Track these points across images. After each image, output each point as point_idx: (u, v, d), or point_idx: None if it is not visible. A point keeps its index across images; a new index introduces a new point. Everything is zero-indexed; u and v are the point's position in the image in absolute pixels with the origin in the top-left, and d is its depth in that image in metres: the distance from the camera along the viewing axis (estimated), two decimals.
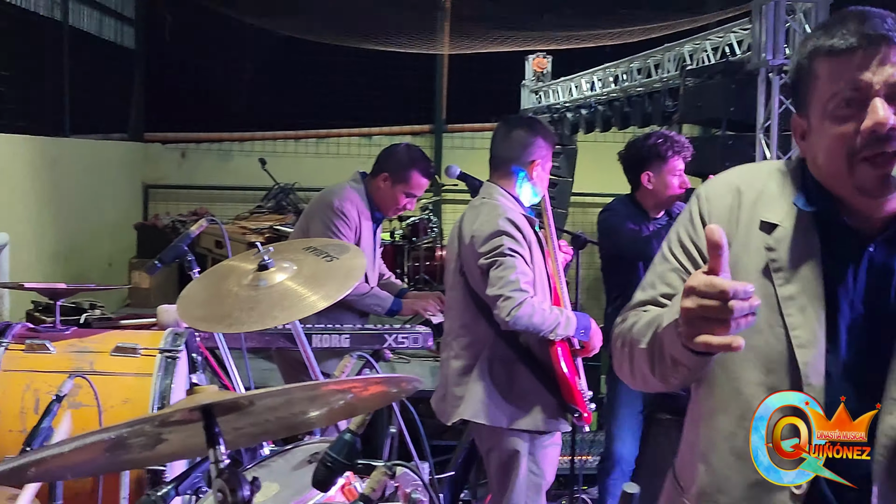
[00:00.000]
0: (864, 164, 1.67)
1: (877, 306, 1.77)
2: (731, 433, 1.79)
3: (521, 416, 3.95)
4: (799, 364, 1.69)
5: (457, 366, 4.06)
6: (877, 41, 1.66)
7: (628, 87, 8.15)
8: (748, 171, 1.96)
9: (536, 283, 3.93)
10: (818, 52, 1.73)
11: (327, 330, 4.57)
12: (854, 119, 1.67)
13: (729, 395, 1.81)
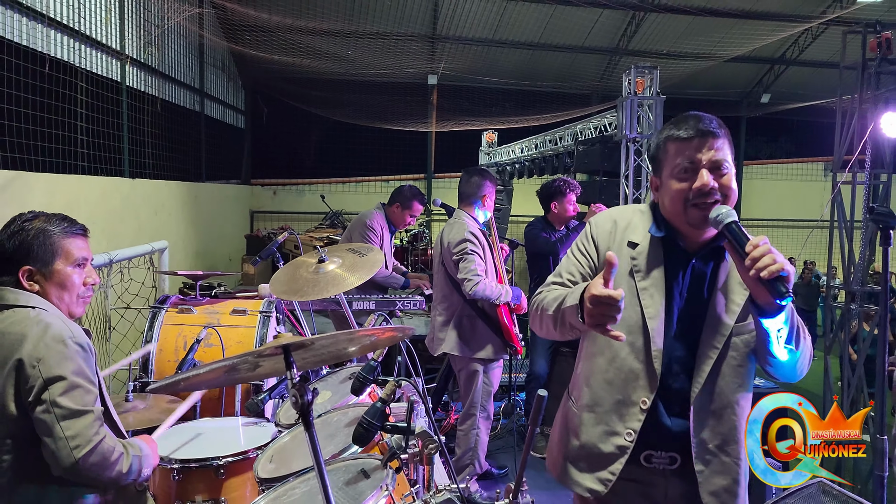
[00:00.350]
0: (693, 208, 1.69)
1: (695, 297, 1.77)
2: (604, 369, 1.81)
3: (479, 350, 3.96)
4: (648, 329, 1.75)
5: (440, 320, 4.07)
6: (705, 134, 1.69)
7: (544, 150, 8.14)
8: (622, 210, 1.94)
9: (488, 270, 3.94)
10: (669, 138, 1.74)
11: (362, 298, 4.56)
12: (689, 181, 1.69)
13: (605, 344, 1.81)
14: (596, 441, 1.82)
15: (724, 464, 1.75)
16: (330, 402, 2.57)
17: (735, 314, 1.74)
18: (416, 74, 11.29)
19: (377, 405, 1.80)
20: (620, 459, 1.78)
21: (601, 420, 1.81)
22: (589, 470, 1.83)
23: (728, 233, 1.61)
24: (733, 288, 1.76)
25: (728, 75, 12.63)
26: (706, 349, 1.74)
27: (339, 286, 2.60)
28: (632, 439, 1.76)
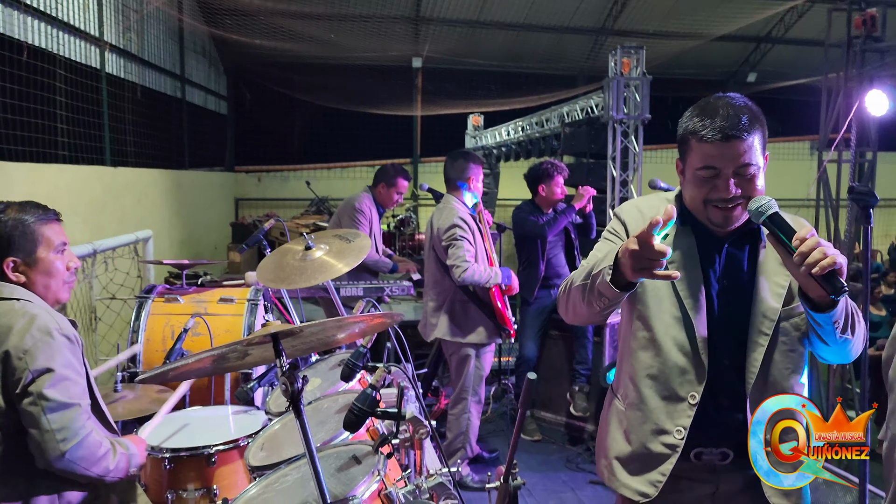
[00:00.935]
0: (713, 208, 1.62)
1: (734, 282, 1.70)
2: (648, 365, 1.72)
3: (471, 334, 3.98)
4: (691, 319, 1.66)
5: (432, 305, 4.08)
6: (731, 139, 1.56)
7: (530, 133, 8.12)
8: (647, 199, 1.85)
9: (478, 254, 3.95)
10: (693, 132, 1.62)
11: (350, 284, 4.56)
12: (710, 183, 1.61)
13: (647, 340, 1.72)
14: (645, 441, 1.73)
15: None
16: (320, 390, 2.59)
17: (781, 297, 1.67)
18: (401, 58, 11.22)
19: (367, 391, 1.81)
20: (671, 459, 1.69)
21: (649, 418, 1.72)
22: (639, 472, 1.74)
23: (771, 225, 1.50)
24: (775, 269, 1.68)
25: (714, 54, 12.64)
26: (755, 336, 1.66)
27: (326, 273, 2.60)
28: (682, 436, 1.67)
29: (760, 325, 1.65)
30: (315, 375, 2.75)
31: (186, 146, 9.03)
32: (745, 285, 1.69)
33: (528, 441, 4.91)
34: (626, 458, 1.76)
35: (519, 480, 1.77)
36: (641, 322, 1.73)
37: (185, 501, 2.38)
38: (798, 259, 1.41)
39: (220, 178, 11.00)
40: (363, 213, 4.90)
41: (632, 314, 1.77)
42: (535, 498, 4.10)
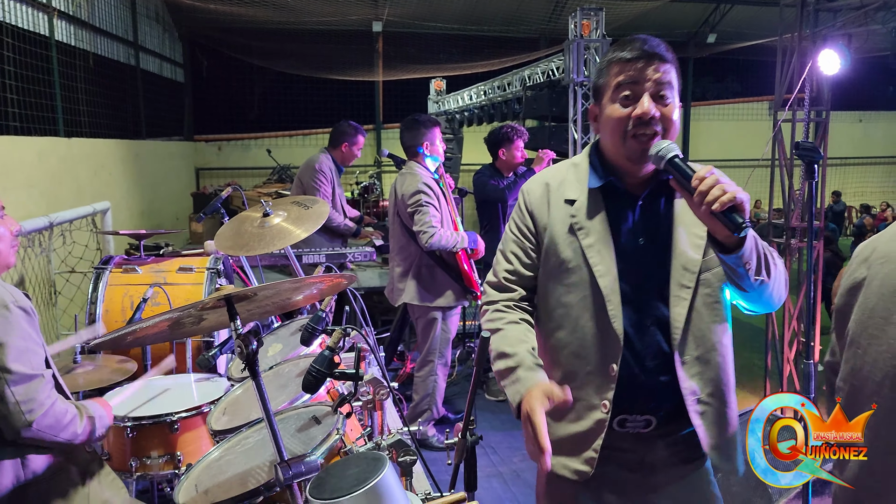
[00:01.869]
0: (632, 140, 1.55)
1: (653, 239, 1.63)
2: (568, 341, 1.66)
3: (439, 297, 4.03)
4: (601, 288, 1.59)
5: (398, 270, 4.11)
6: (651, 56, 1.54)
7: (492, 97, 8.10)
8: (554, 169, 1.77)
9: (443, 219, 3.98)
10: (613, 59, 1.59)
11: (311, 251, 4.57)
12: (629, 107, 1.55)
13: (562, 316, 1.66)
14: (575, 419, 1.67)
15: (720, 412, 1.64)
16: (281, 355, 2.61)
17: (701, 248, 1.61)
18: (360, 22, 11.07)
19: (325, 353, 1.83)
20: (601, 434, 1.63)
21: (577, 396, 1.64)
22: (572, 451, 1.68)
23: (672, 167, 1.47)
24: (693, 221, 1.59)
25: (674, 16, 12.69)
26: (677, 291, 1.60)
27: (285, 239, 2.61)
28: (608, 410, 1.62)
29: (682, 279, 1.60)
30: (277, 341, 2.77)
31: (143, 115, 8.85)
32: (663, 241, 1.63)
33: (493, 401, 5.00)
34: (557, 439, 1.65)
35: (476, 435, 1.82)
36: (555, 300, 1.67)
37: (149, 468, 2.41)
38: (698, 198, 1.38)
39: (179, 147, 10.82)
40: (324, 173, 4.92)
41: (545, 294, 1.70)
42: (499, 455, 4.20)
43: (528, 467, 4.04)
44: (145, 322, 1.48)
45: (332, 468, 1.41)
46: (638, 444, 1.66)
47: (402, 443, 1.88)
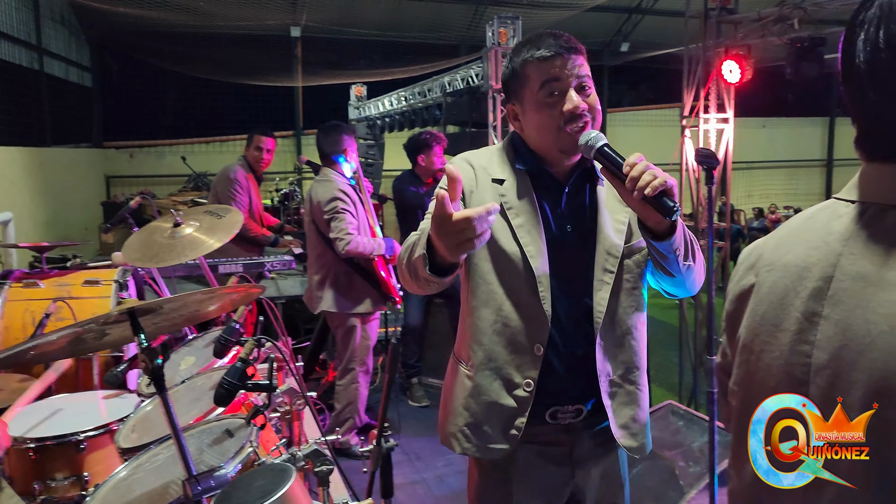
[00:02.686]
0: (564, 135, 1.57)
1: (578, 224, 1.66)
2: (493, 321, 1.65)
3: (357, 304, 4.01)
4: (532, 269, 1.60)
5: (316, 278, 4.07)
6: (569, 51, 1.57)
7: (413, 103, 8.12)
8: (475, 152, 1.76)
9: (360, 226, 3.97)
10: (529, 59, 1.59)
11: (228, 261, 4.48)
12: (557, 104, 1.56)
13: (488, 295, 1.65)
14: (496, 398, 1.66)
15: (629, 393, 1.70)
16: (194, 367, 2.55)
17: (623, 233, 1.65)
18: (278, 27, 10.90)
19: (237, 365, 1.81)
20: (525, 413, 1.64)
21: (498, 375, 1.66)
22: (493, 431, 1.67)
23: (602, 156, 1.49)
24: (615, 206, 1.66)
25: (589, 25, 13.03)
26: (601, 275, 1.63)
27: (197, 250, 2.56)
28: (531, 389, 1.63)
29: (605, 263, 1.63)
30: (190, 353, 2.71)
31: (48, 121, 8.46)
32: (588, 227, 1.66)
33: (416, 407, 5.01)
34: (476, 422, 1.68)
35: (391, 441, 1.83)
36: (481, 277, 1.66)
37: (54, 490, 2.30)
38: (630, 184, 1.40)
39: (87, 154, 10.38)
40: (238, 182, 4.85)
41: (471, 271, 1.68)
42: (423, 461, 4.21)
43: (451, 472, 4.07)
44: (43, 338, 1.43)
45: (238, 481, 1.39)
46: (567, 435, 1.70)
47: (318, 452, 1.87)
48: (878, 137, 0.84)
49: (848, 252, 0.84)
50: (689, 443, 3.17)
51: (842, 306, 0.83)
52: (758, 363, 0.94)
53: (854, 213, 0.86)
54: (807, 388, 0.86)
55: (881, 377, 0.76)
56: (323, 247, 4.02)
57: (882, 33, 0.80)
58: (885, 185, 0.83)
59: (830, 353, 0.83)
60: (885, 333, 0.77)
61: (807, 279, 0.88)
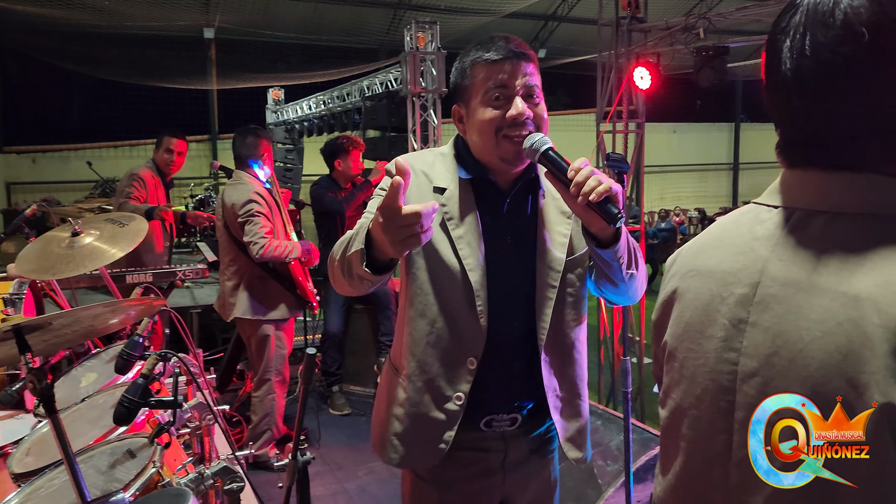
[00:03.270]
0: (505, 141, 1.52)
1: (520, 237, 1.62)
2: (427, 332, 1.60)
3: (272, 310, 3.91)
4: (471, 282, 1.56)
5: (229, 284, 3.94)
6: (519, 56, 1.52)
7: (332, 106, 8.03)
8: (419, 155, 1.70)
9: (276, 230, 3.88)
10: (478, 61, 1.54)
11: (136, 271, 4.28)
12: (502, 108, 1.52)
13: (425, 305, 1.60)
14: (426, 411, 1.62)
15: (574, 406, 1.69)
16: (97, 384, 2.42)
17: (565, 247, 1.62)
18: (190, 28, 10.60)
19: (139, 381, 1.72)
20: (453, 427, 1.60)
21: (430, 387, 1.61)
22: (420, 443, 1.63)
23: (547, 160, 1.45)
24: (557, 220, 1.63)
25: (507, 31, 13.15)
26: (544, 290, 1.60)
27: (97, 260, 2.43)
28: (462, 403, 1.59)
29: (548, 278, 1.60)
30: (92, 369, 2.56)
31: None
32: (529, 239, 1.62)
33: (337, 416, 4.92)
34: (406, 432, 1.64)
35: (307, 455, 1.77)
36: (419, 288, 1.61)
37: None
38: (574, 189, 1.37)
39: None
40: (140, 179, 4.68)
41: (410, 281, 1.64)
42: (344, 471, 4.14)
43: (373, 481, 4.01)
44: None
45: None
46: (502, 442, 1.67)
47: (227, 469, 1.79)
48: (802, 144, 0.84)
49: (775, 258, 0.84)
50: (606, 442, 3.22)
51: (770, 312, 0.83)
52: (682, 371, 0.93)
53: (778, 218, 0.86)
54: (733, 396, 0.85)
55: (814, 384, 0.77)
56: (236, 251, 3.90)
57: (808, 40, 0.79)
58: (810, 190, 0.83)
59: (759, 361, 0.83)
60: (818, 339, 0.76)
61: (733, 285, 0.88)
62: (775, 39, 0.83)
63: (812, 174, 0.83)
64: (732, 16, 5.48)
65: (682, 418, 0.94)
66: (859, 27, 0.75)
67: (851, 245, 0.77)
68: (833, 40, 0.76)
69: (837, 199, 0.80)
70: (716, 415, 0.87)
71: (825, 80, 0.77)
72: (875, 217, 0.78)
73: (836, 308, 0.75)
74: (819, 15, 0.78)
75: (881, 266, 0.74)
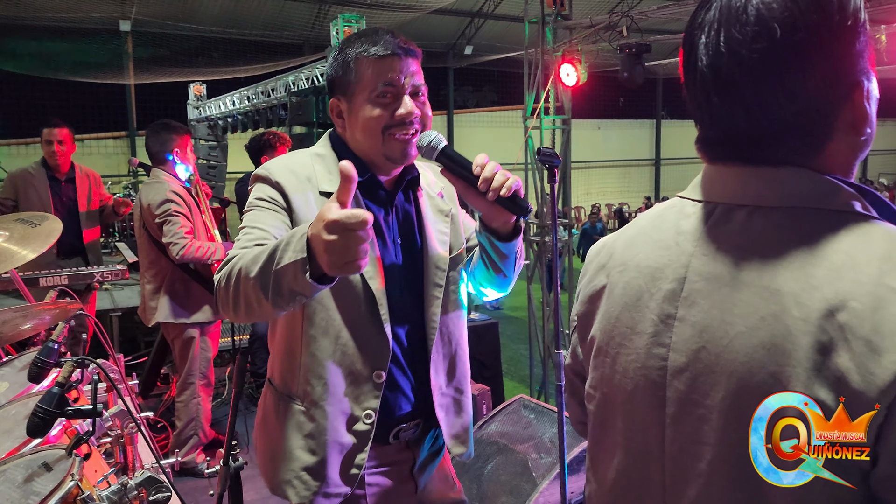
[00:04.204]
0: (392, 140, 1.47)
1: (407, 238, 1.59)
2: (331, 351, 1.50)
3: (196, 312, 3.77)
4: (372, 290, 1.49)
5: (150, 287, 3.79)
6: (408, 53, 1.48)
7: (256, 102, 7.90)
8: (293, 157, 1.57)
9: (197, 230, 3.74)
10: (363, 54, 1.47)
11: (51, 273, 4.08)
12: (389, 107, 1.46)
13: (326, 322, 1.49)
14: (336, 437, 1.52)
15: (457, 402, 1.68)
16: (9, 393, 2.27)
17: (447, 245, 1.61)
18: (106, 20, 10.17)
19: (53, 390, 1.62)
20: (365, 448, 1.53)
21: (337, 409, 1.52)
22: (332, 472, 1.53)
23: (447, 158, 1.44)
24: (436, 218, 1.62)
25: (433, 27, 13.25)
26: (431, 290, 1.57)
27: (6, 262, 2.28)
28: (371, 421, 1.52)
29: (434, 277, 1.58)
30: (3, 378, 2.41)
31: None
32: (413, 239, 1.60)
33: None
34: (316, 465, 1.53)
35: (240, 461, 1.71)
36: (319, 303, 1.49)
37: None
38: (483, 185, 1.37)
39: None
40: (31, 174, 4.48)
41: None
42: None
43: None
44: None
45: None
46: (408, 451, 1.65)
47: (152, 479, 1.71)
48: (721, 140, 0.84)
49: (699, 252, 0.84)
50: (540, 435, 3.25)
51: (696, 307, 0.82)
52: (614, 366, 0.92)
53: (701, 212, 0.86)
54: (664, 392, 0.85)
55: (740, 377, 0.77)
56: (156, 253, 3.75)
57: (723, 36, 0.78)
58: (730, 185, 0.83)
59: (688, 356, 0.83)
60: (743, 334, 0.77)
61: (660, 280, 0.87)
62: (691, 35, 0.82)
63: (732, 169, 0.83)
64: (654, 14, 5.62)
65: (615, 414, 0.93)
66: (772, 23, 0.75)
67: (771, 238, 0.78)
68: (747, 36, 0.76)
69: (757, 193, 0.80)
70: (648, 409, 0.87)
71: (741, 77, 0.77)
72: (794, 210, 0.78)
73: (759, 302, 0.76)
74: (733, 11, 0.77)
75: (800, 259, 0.74)
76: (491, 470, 3.24)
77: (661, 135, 21.16)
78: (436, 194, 1.67)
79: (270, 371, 1.68)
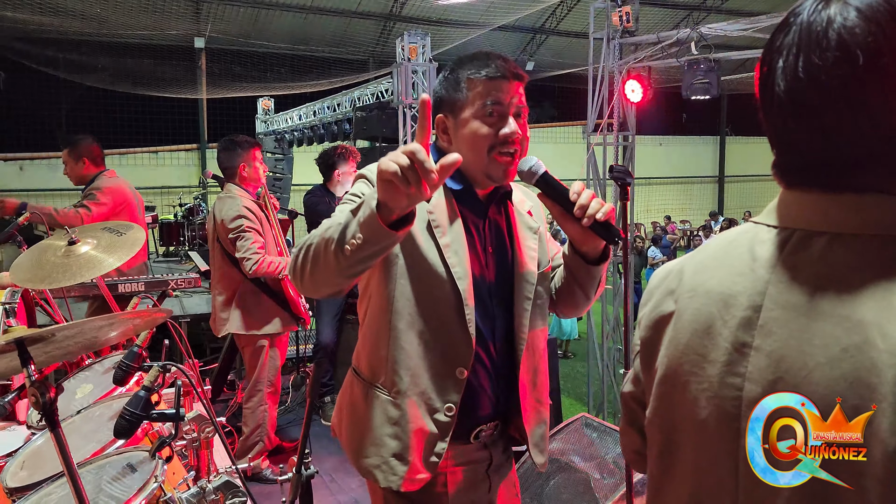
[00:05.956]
0: (495, 160, 1.53)
1: (499, 249, 1.65)
2: (418, 343, 1.57)
3: (266, 325, 3.84)
4: (460, 290, 1.55)
5: (221, 299, 3.87)
6: (514, 77, 1.54)
7: (322, 117, 8.05)
8: None
9: (268, 244, 3.82)
10: (474, 75, 1.54)
11: (129, 280, 4.23)
12: (495, 125, 1.52)
13: (413, 317, 1.56)
14: (420, 425, 1.58)
15: (539, 412, 1.72)
16: (93, 395, 2.36)
17: (535, 261, 1.66)
18: (182, 37, 10.56)
19: (140, 394, 1.68)
20: (445, 438, 1.58)
21: (422, 400, 1.58)
22: (416, 459, 1.58)
23: (546, 183, 1.49)
24: (526, 234, 1.68)
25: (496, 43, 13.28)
26: (521, 301, 1.63)
27: (94, 270, 2.36)
28: (452, 414, 1.58)
29: (525, 290, 1.64)
30: (88, 380, 2.51)
31: None
32: (506, 251, 1.66)
33: (328, 426, 4.86)
34: (402, 451, 1.58)
35: (311, 469, 1.74)
36: (407, 299, 1.57)
37: None
38: (579, 211, 1.42)
39: None
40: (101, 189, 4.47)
41: (396, 291, 1.58)
42: (337, 483, 4.09)
43: (366, 493, 3.96)
44: None
45: None
46: (486, 451, 1.70)
47: (230, 484, 1.76)
48: (799, 166, 0.81)
49: (776, 280, 0.81)
50: (602, 455, 3.20)
51: (773, 337, 0.80)
52: (684, 395, 0.89)
53: (777, 238, 0.84)
54: (738, 423, 0.83)
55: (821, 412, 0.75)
56: (228, 266, 3.83)
57: (801, 61, 0.75)
58: (809, 211, 0.81)
59: (764, 387, 0.80)
60: (822, 365, 0.74)
61: (734, 307, 0.84)
62: (769, 59, 0.80)
63: (811, 195, 0.80)
64: (723, 31, 5.52)
65: (683, 444, 0.90)
66: (855, 49, 0.72)
67: (853, 267, 0.75)
68: (828, 62, 0.74)
69: (838, 220, 0.78)
70: (722, 441, 0.85)
71: (821, 103, 0.75)
72: (877, 238, 0.75)
73: (840, 333, 0.73)
74: (813, 35, 0.75)
75: (884, 289, 0.72)
76: (552, 488, 3.20)
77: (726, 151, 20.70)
78: (525, 212, 1.71)
79: (356, 361, 1.73)
